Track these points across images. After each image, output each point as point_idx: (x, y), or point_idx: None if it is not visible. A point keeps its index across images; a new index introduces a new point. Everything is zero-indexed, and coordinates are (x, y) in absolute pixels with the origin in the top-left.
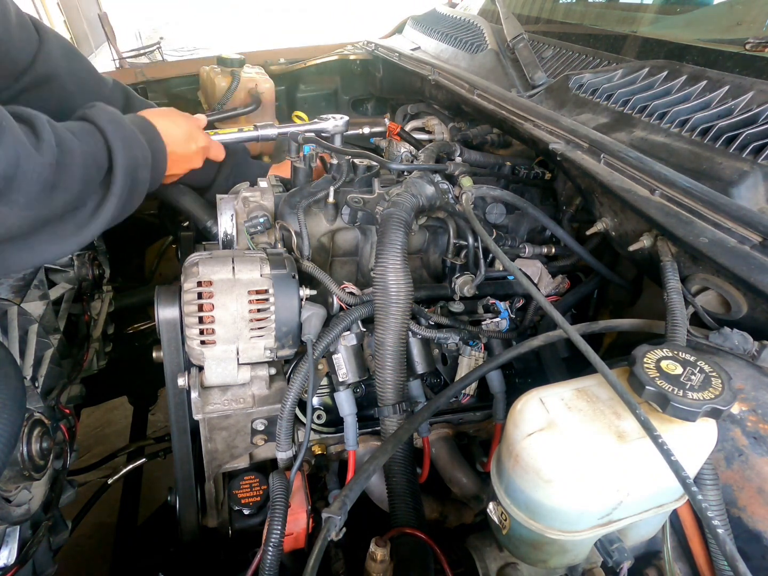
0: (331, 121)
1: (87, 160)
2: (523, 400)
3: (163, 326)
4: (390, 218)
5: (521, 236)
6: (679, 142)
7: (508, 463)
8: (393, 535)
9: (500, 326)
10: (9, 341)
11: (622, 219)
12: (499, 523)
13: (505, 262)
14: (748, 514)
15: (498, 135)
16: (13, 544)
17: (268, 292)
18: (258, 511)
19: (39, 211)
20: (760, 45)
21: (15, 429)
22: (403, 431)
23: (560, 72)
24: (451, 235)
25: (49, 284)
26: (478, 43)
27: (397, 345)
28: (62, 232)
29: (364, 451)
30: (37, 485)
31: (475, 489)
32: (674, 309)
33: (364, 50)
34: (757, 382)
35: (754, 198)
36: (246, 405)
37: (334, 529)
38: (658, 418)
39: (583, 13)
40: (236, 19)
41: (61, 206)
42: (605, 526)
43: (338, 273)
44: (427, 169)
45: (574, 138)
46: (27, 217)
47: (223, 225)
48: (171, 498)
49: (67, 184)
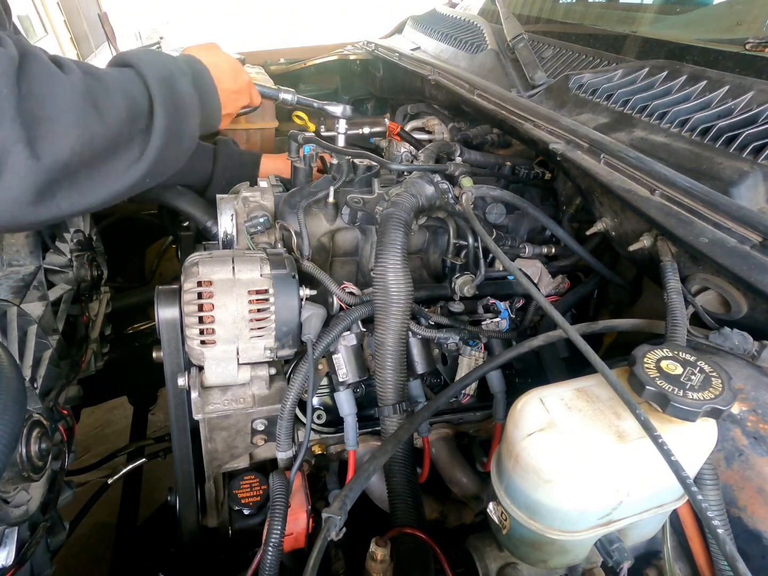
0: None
1: (126, 89)
2: (523, 400)
3: (163, 326)
4: (390, 218)
5: (521, 236)
6: (679, 142)
7: (508, 463)
8: (393, 535)
9: (500, 326)
10: (8, 342)
11: (622, 219)
12: (499, 523)
13: (505, 262)
14: (748, 514)
15: (498, 135)
16: (11, 545)
17: (268, 292)
18: (258, 511)
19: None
20: (760, 45)
21: (16, 431)
22: (403, 431)
23: (560, 72)
24: (451, 235)
25: (48, 285)
26: (478, 43)
27: (397, 345)
28: (112, 171)
29: (364, 451)
30: (35, 486)
31: (475, 489)
32: (674, 309)
33: (364, 50)
34: (757, 382)
35: (754, 198)
36: (246, 405)
37: (334, 529)
38: (658, 418)
39: (583, 13)
40: (235, 19)
41: (114, 127)
42: (605, 526)
43: (338, 273)
44: (427, 169)
45: (574, 138)
46: (82, 135)
47: (223, 225)
48: (171, 498)
49: (111, 104)
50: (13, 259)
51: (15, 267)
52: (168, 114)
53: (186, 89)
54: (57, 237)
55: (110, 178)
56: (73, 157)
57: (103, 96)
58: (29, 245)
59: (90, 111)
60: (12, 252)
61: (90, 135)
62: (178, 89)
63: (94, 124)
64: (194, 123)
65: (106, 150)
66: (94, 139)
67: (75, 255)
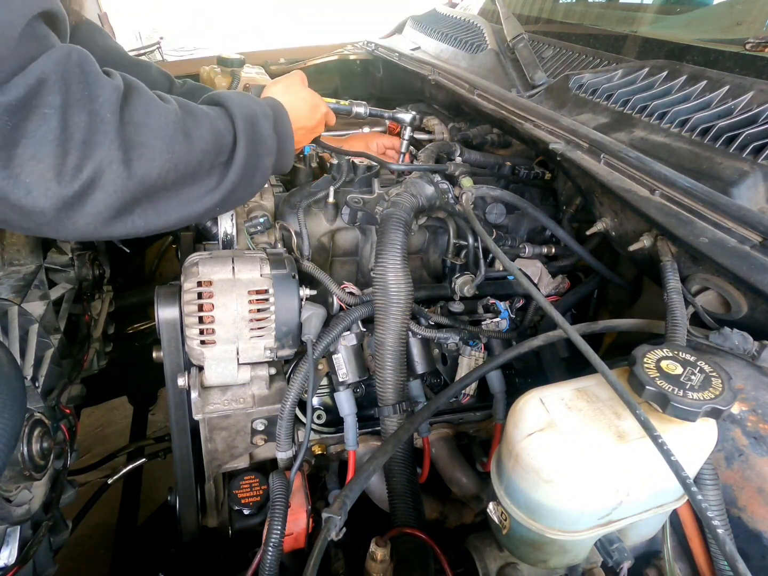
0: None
1: (214, 124)
2: (523, 400)
3: (163, 326)
4: (390, 218)
5: (521, 236)
6: (679, 142)
7: (508, 463)
8: (393, 535)
9: (500, 326)
10: (9, 341)
11: (622, 219)
12: (499, 523)
13: (505, 262)
14: (748, 514)
15: (498, 135)
16: (14, 544)
17: (268, 292)
18: (258, 511)
19: (180, 156)
20: (760, 45)
21: (16, 429)
22: (403, 431)
23: (560, 72)
24: (451, 235)
25: (50, 284)
26: (478, 43)
27: (397, 345)
28: (189, 196)
29: (364, 451)
30: (37, 485)
31: (475, 489)
32: (674, 309)
33: (364, 50)
34: (757, 382)
35: (754, 198)
36: (246, 405)
37: (334, 529)
38: (658, 418)
39: (583, 13)
40: (236, 19)
41: (198, 157)
42: (605, 526)
43: (338, 273)
44: (427, 169)
45: (574, 138)
46: (170, 160)
47: (223, 225)
48: (171, 498)
49: (199, 135)
50: (14, 258)
51: (16, 266)
52: (248, 151)
53: (267, 131)
54: None
55: (186, 202)
56: (158, 179)
57: (193, 127)
58: (30, 244)
59: (180, 139)
60: (13, 251)
61: (177, 160)
62: (259, 130)
63: (182, 151)
64: (270, 162)
65: (187, 176)
66: (179, 165)
67: (76, 254)
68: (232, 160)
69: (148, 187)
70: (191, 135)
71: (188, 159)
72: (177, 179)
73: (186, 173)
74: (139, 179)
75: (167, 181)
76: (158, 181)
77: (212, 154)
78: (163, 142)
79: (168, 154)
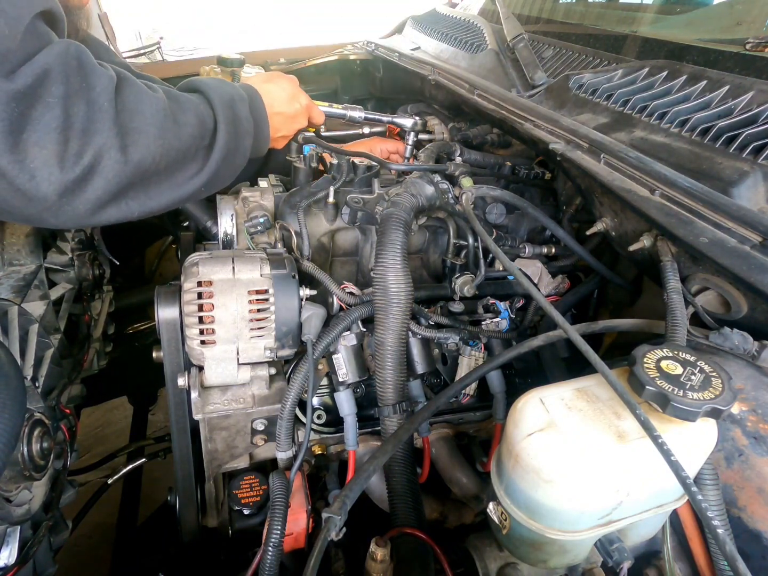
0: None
1: (198, 110)
2: (523, 400)
3: (163, 326)
4: (390, 218)
5: (521, 236)
6: (679, 142)
7: (508, 463)
8: (393, 535)
9: (500, 326)
10: (9, 341)
11: (622, 219)
12: (499, 523)
13: (505, 262)
14: (748, 514)
15: (498, 135)
16: (14, 544)
17: (268, 292)
18: (258, 511)
19: (170, 141)
20: (760, 45)
21: (16, 429)
22: (403, 431)
23: (560, 72)
24: (451, 235)
25: (50, 284)
26: (478, 43)
27: (397, 345)
28: (177, 179)
29: (364, 451)
30: (37, 485)
31: (475, 489)
32: (674, 309)
33: (364, 50)
34: (757, 382)
35: (754, 198)
36: (246, 405)
37: (334, 529)
38: (658, 418)
39: (583, 13)
40: (236, 19)
41: (187, 141)
42: (605, 526)
43: (338, 273)
44: (427, 169)
45: (574, 138)
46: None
47: (223, 225)
48: (171, 498)
49: (185, 121)
50: (14, 258)
51: (16, 266)
52: (228, 133)
53: (244, 113)
54: (58, 236)
55: (175, 185)
56: (152, 164)
57: (180, 113)
58: (30, 244)
59: (170, 125)
60: (13, 251)
61: (168, 145)
62: (237, 113)
63: (172, 136)
64: (248, 143)
65: (176, 161)
66: (170, 150)
67: (76, 254)
68: (214, 143)
69: (142, 171)
70: (179, 121)
71: (178, 144)
72: (168, 163)
73: (176, 157)
74: (135, 164)
75: (159, 166)
76: (152, 166)
77: (198, 138)
78: (156, 128)
79: (161, 140)
